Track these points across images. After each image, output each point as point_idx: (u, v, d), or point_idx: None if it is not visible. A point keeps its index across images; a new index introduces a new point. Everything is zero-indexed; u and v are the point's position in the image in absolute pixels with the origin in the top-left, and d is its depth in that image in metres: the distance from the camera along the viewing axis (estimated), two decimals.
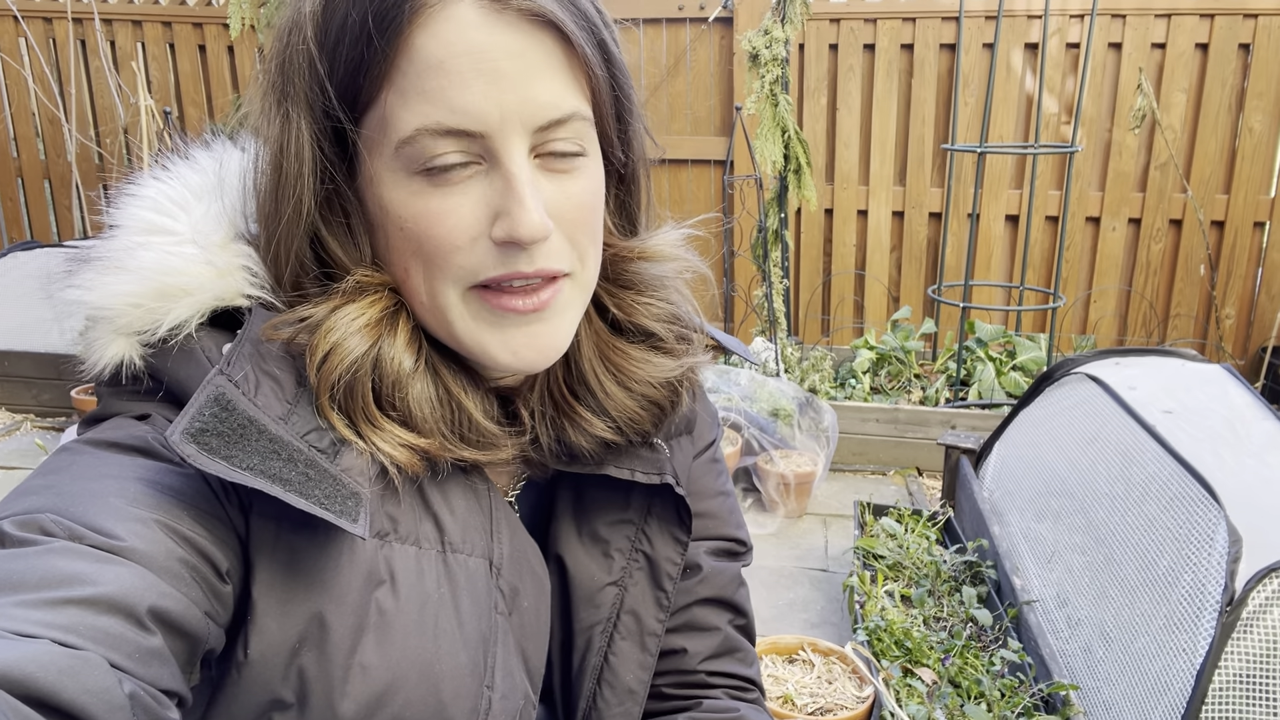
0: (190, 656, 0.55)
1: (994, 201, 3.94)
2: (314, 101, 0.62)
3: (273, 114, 0.63)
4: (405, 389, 0.64)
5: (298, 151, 0.62)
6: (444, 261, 0.62)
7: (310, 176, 0.63)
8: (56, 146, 4.68)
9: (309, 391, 0.62)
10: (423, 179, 0.61)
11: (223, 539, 0.58)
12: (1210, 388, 2.13)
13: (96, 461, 0.58)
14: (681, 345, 0.77)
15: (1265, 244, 3.76)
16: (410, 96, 0.59)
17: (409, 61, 0.59)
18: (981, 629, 1.93)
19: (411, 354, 0.65)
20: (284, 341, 0.62)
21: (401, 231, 0.63)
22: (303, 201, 0.63)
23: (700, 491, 0.84)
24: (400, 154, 0.60)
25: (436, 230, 0.61)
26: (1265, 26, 3.55)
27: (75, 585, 0.49)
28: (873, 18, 3.87)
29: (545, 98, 0.60)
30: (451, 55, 0.58)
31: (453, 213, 0.61)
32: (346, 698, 0.59)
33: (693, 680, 0.84)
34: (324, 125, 0.62)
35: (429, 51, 0.58)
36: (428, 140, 0.59)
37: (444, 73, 0.58)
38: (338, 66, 0.60)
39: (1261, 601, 1.43)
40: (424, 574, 0.64)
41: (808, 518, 2.96)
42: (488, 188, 0.61)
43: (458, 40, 0.58)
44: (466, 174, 0.61)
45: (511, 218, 0.60)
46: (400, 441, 0.64)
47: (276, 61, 0.63)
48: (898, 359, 3.79)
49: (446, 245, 0.62)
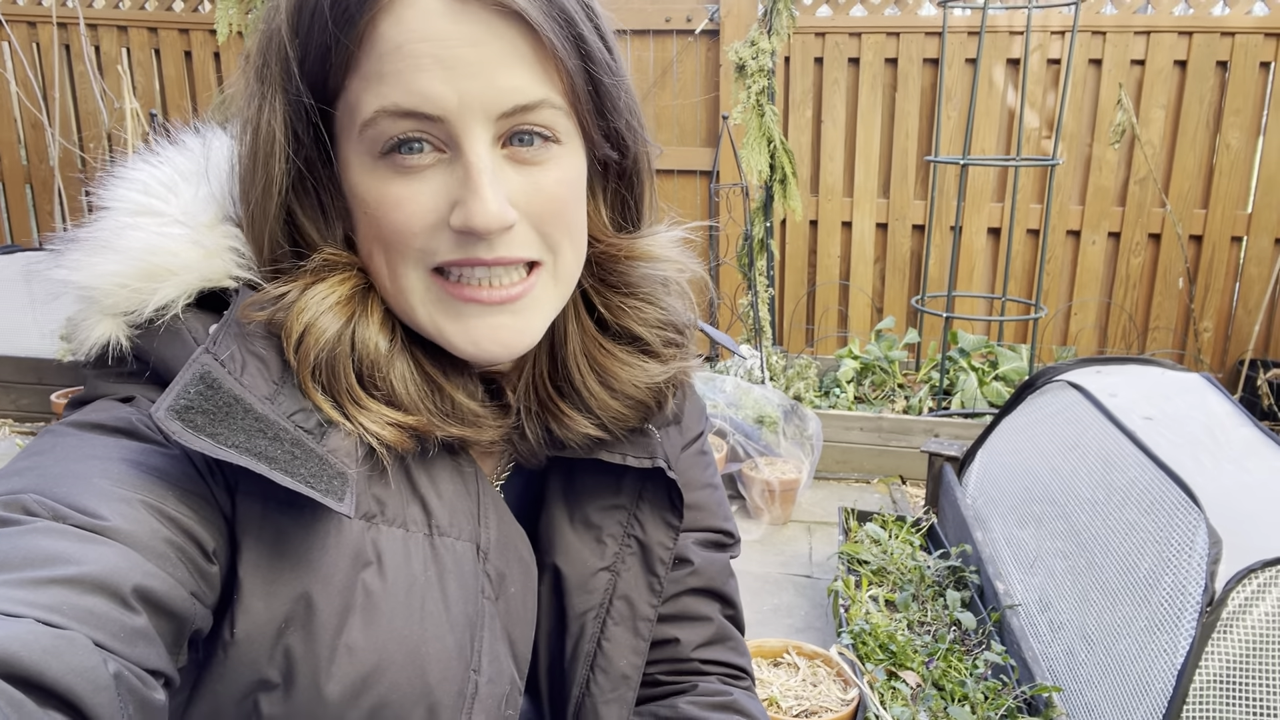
0: (177, 637, 0.54)
1: (976, 214, 3.98)
2: (288, 86, 0.62)
3: (252, 96, 0.64)
4: (386, 369, 0.65)
5: (270, 133, 0.63)
6: (403, 246, 0.63)
7: (282, 157, 0.63)
8: (39, 151, 4.65)
9: (294, 372, 0.62)
10: (386, 165, 0.62)
11: (209, 519, 0.58)
12: (1190, 395, 2.16)
13: (81, 443, 0.58)
14: (670, 350, 0.76)
15: (1242, 258, 3.81)
16: (371, 80, 0.60)
17: (372, 46, 0.59)
18: (965, 633, 1.94)
19: (386, 334, 0.66)
20: (263, 322, 0.62)
21: (366, 215, 0.63)
22: (273, 180, 0.63)
23: (688, 483, 0.84)
24: (364, 137, 0.61)
25: (395, 216, 0.62)
26: (1242, 45, 3.61)
27: (59, 565, 0.48)
28: (857, 32, 3.91)
29: (507, 84, 0.60)
30: (411, 40, 0.59)
31: (412, 199, 0.62)
32: (332, 679, 0.59)
33: (687, 668, 0.85)
34: (298, 108, 0.63)
35: (390, 37, 0.59)
36: (386, 122, 0.60)
37: (403, 56, 0.59)
38: (309, 52, 0.61)
39: (1241, 602, 1.44)
40: (411, 556, 0.63)
41: (792, 524, 2.96)
42: (449, 176, 0.62)
43: (419, 27, 0.59)
44: (428, 161, 0.61)
45: (467, 207, 0.61)
46: (388, 420, 0.64)
47: (258, 45, 0.64)
48: (881, 368, 3.81)
49: (405, 231, 0.62)
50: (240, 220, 0.67)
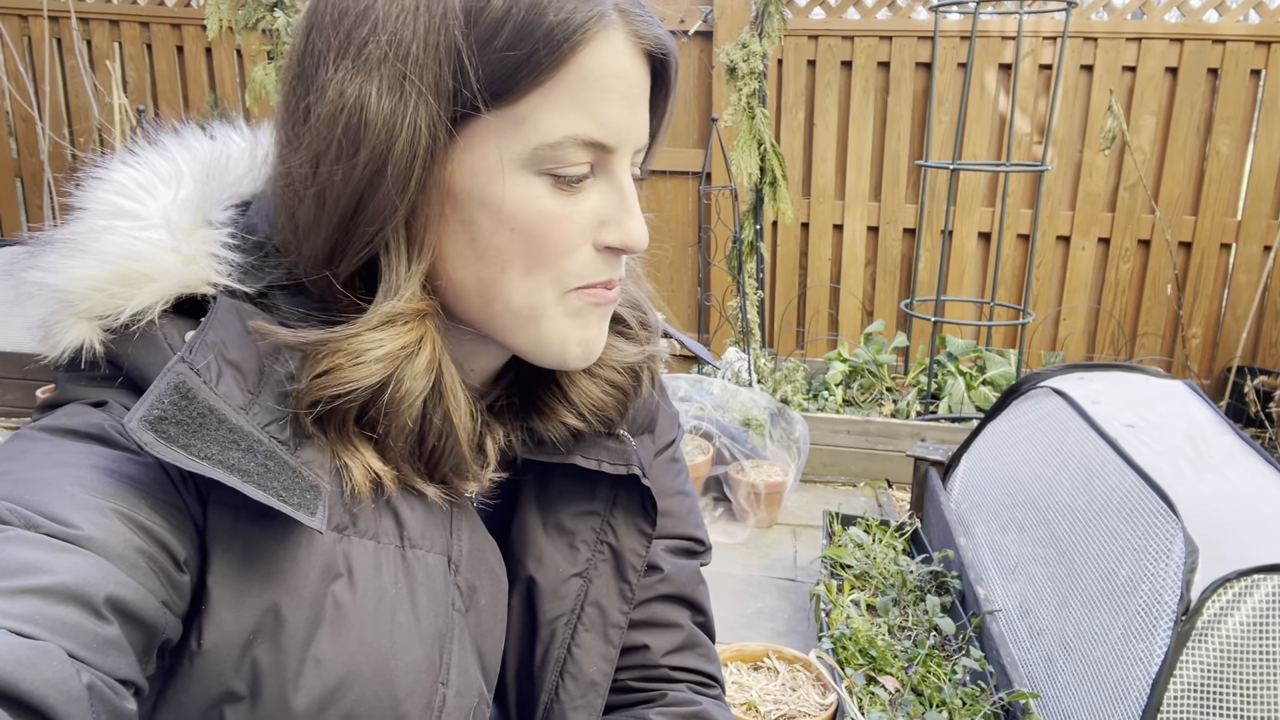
0: (147, 646, 0.54)
1: (967, 219, 3.99)
2: (444, 86, 0.59)
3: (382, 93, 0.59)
4: (394, 416, 0.64)
5: (414, 134, 0.59)
6: (553, 264, 0.64)
7: (423, 162, 0.60)
8: (29, 145, 4.63)
9: (274, 381, 0.61)
10: (549, 181, 0.63)
11: (180, 528, 0.58)
12: (1172, 403, 2.17)
13: (52, 449, 0.57)
14: (644, 332, 0.79)
15: (1231, 265, 3.83)
16: (563, 105, 0.61)
17: (571, 72, 0.60)
18: (945, 638, 1.95)
19: (424, 380, 0.64)
20: (276, 345, 0.61)
21: (512, 232, 0.63)
22: (409, 189, 0.60)
23: (660, 490, 0.85)
24: (536, 155, 0.61)
25: (554, 233, 0.63)
26: (1233, 52, 3.63)
27: (32, 574, 0.48)
28: (850, 35, 3.92)
29: (646, 124, 0.67)
30: (608, 75, 0.61)
31: (571, 218, 0.64)
32: (300, 691, 0.59)
33: (656, 674, 0.85)
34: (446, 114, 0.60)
35: (589, 68, 0.61)
36: (571, 148, 0.62)
37: (601, 89, 0.61)
38: (487, 59, 0.59)
39: (1216, 611, 1.45)
40: (382, 569, 0.64)
41: (777, 527, 2.97)
42: (599, 198, 0.65)
43: (612, 63, 0.61)
44: (583, 182, 0.64)
45: (624, 228, 0.65)
46: (364, 464, 0.64)
47: (389, 39, 0.59)
48: (870, 372, 3.82)
49: (561, 249, 0.64)
50: (241, 227, 0.66)
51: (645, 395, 0.79)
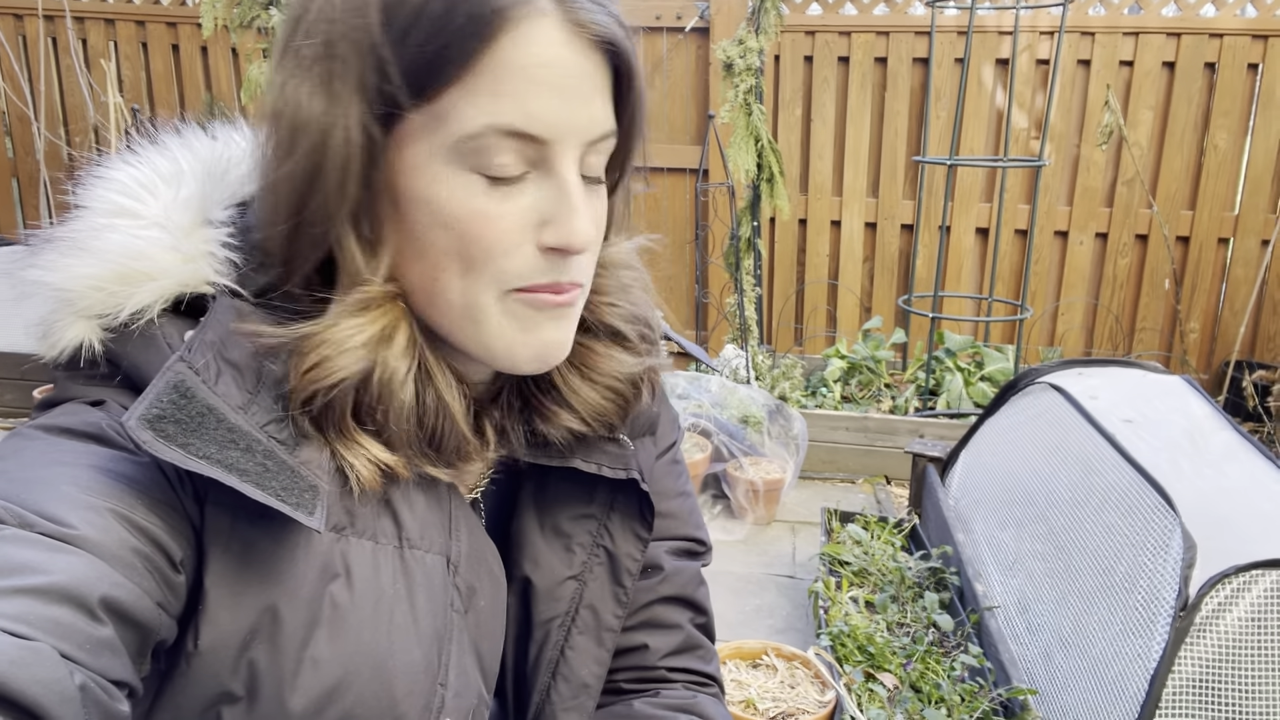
0: (141, 647, 0.54)
1: (964, 214, 3.99)
2: (369, 84, 0.60)
3: (314, 93, 0.60)
4: (388, 400, 0.64)
5: (344, 138, 0.60)
6: (488, 263, 0.62)
7: (357, 168, 0.61)
8: (25, 144, 4.62)
9: (271, 381, 0.61)
10: (481, 180, 0.61)
11: (177, 528, 0.57)
12: (1170, 398, 2.17)
13: (49, 448, 0.57)
14: (645, 345, 0.78)
15: (1229, 260, 3.83)
16: (482, 96, 0.59)
17: (488, 63, 0.59)
18: (943, 634, 1.95)
19: (406, 362, 0.64)
20: (267, 346, 0.61)
21: (446, 229, 0.62)
22: (348, 188, 0.61)
23: (662, 492, 0.85)
24: (460, 149, 0.60)
25: (487, 232, 0.61)
26: (1230, 46, 3.63)
27: (26, 574, 0.48)
28: (847, 31, 3.91)
29: (597, 114, 0.63)
30: (533, 64, 0.59)
31: (505, 216, 0.61)
32: (297, 691, 0.59)
33: (653, 675, 0.85)
34: (375, 112, 0.60)
35: (512, 57, 0.59)
36: (493, 139, 0.59)
37: (524, 79, 0.59)
38: (405, 54, 0.59)
39: (1214, 607, 1.45)
40: (380, 569, 0.63)
41: (776, 524, 2.97)
42: (539, 195, 0.62)
43: (540, 52, 0.59)
44: (520, 179, 0.62)
45: (565, 226, 0.62)
46: (369, 457, 0.63)
47: (321, 39, 0.60)
48: (868, 368, 3.82)
49: (496, 248, 0.62)
50: (237, 226, 0.66)
51: (646, 403, 0.79)
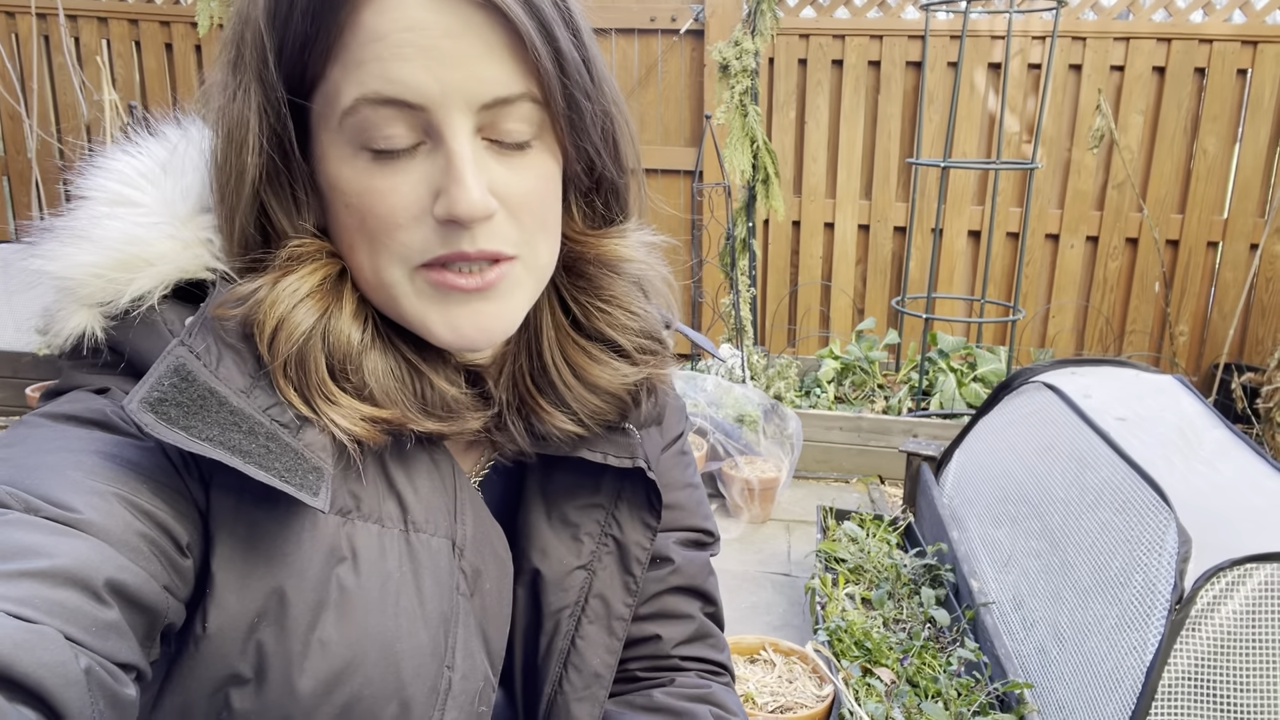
0: (149, 630, 0.54)
1: (957, 217, 4.01)
2: (264, 75, 0.61)
3: (225, 86, 0.63)
4: (358, 360, 0.64)
5: (243, 123, 0.62)
6: (388, 239, 0.62)
7: (255, 148, 0.62)
8: (16, 143, 4.60)
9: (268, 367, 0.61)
10: (368, 156, 0.61)
11: (183, 512, 0.58)
12: (1163, 397, 2.19)
13: (54, 434, 0.57)
14: (644, 357, 0.76)
15: (1218, 263, 3.86)
16: (351, 68, 0.59)
17: (353, 35, 0.59)
18: (940, 630, 1.96)
19: (359, 325, 0.65)
20: (238, 321, 0.61)
21: (347, 208, 0.63)
22: (245, 171, 0.62)
23: (669, 483, 0.85)
24: (344, 126, 0.60)
25: (379, 208, 0.61)
26: (1220, 52, 3.66)
27: (30, 558, 0.48)
28: (841, 34, 3.93)
29: (488, 75, 0.60)
30: (394, 30, 0.58)
31: (394, 190, 0.61)
32: (305, 674, 0.59)
33: (666, 664, 0.85)
34: (273, 98, 0.62)
35: (372, 25, 0.58)
36: (367, 110, 0.59)
37: (384, 44, 0.58)
38: (287, 41, 0.60)
39: (1209, 600, 1.47)
40: (386, 552, 0.64)
41: (771, 523, 2.98)
42: (430, 166, 0.61)
43: (401, 16, 0.58)
44: (411, 152, 0.61)
45: (450, 196, 0.60)
46: (360, 415, 0.63)
47: (231, 34, 0.64)
48: (862, 369, 3.84)
49: (389, 223, 0.62)
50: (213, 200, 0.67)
51: (647, 407, 0.77)
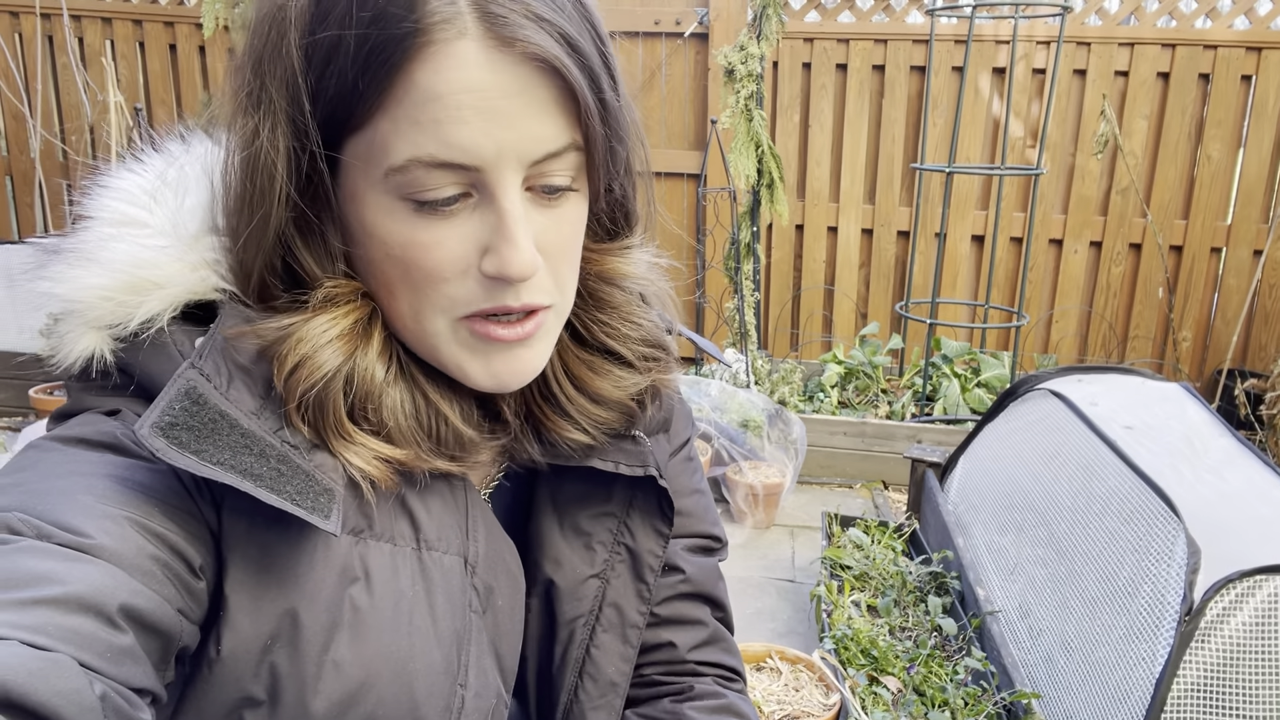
0: (164, 654, 0.54)
1: (961, 221, 4.00)
2: (296, 117, 0.59)
3: (247, 119, 0.60)
4: (379, 398, 0.63)
5: (269, 166, 0.59)
6: (432, 291, 0.61)
7: (283, 195, 0.60)
8: (20, 143, 4.60)
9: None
10: (410, 206, 0.59)
11: (195, 535, 0.57)
12: (1169, 405, 2.18)
13: (65, 459, 0.57)
14: (647, 364, 0.76)
15: (1221, 269, 3.85)
16: (404, 125, 0.57)
17: (405, 91, 0.57)
18: (946, 638, 1.95)
19: (384, 363, 0.64)
20: (256, 348, 0.61)
21: (388, 258, 0.61)
22: (270, 216, 0.61)
23: (678, 490, 0.85)
24: (390, 180, 0.59)
25: (425, 261, 0.60)
26: (1224, 57, 3.66)
27: (44, 585, 0.48)
28: (845, 38, 3.93)
29: (542, 134, 0.59)
30: (450, 91, 0.56)
31: (441, 245, 0.60)
32: (319, 695, 0.59)
33: (683, 669, 0.85)
34: (307, 146, 0.60)
35: (428, 85, 0.56)
36: (419, 171, 0.58)
37: (442, 106, 0.56)
38: (326, 86, 0.58)
39: (1219, 612, 1.46)
40: (399, 571, 0.63)
41: (775, 529, 2.97)
42: (479, 221, 0.60)
43: (458, 77, 0.56)
44: (458, 206, 0.60)
45: (501, 256, 0.60)
46: (375, 455, 0.63)
47: (252, 63, 0.60)
48: (865, 374, 3.83)
49: (435, 277, 0.61)
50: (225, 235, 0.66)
51: (652, 411, 0.78)
